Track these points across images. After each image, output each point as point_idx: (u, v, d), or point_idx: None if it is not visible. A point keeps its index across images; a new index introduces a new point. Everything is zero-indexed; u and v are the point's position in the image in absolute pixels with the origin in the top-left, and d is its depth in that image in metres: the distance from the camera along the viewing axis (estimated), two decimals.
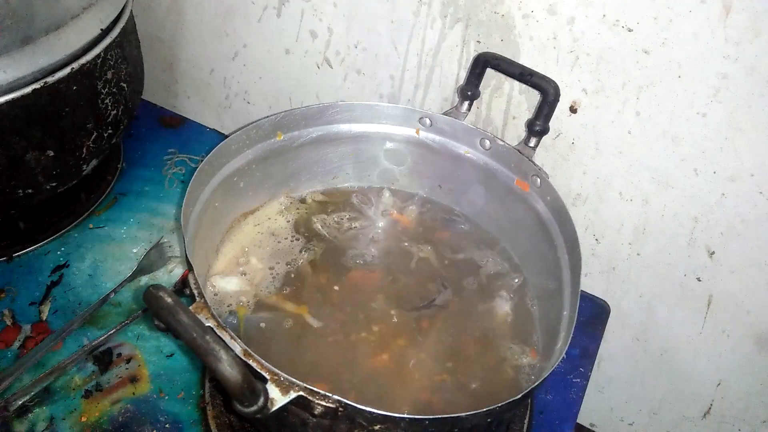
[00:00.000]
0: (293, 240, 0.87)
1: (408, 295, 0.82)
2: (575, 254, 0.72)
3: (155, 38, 1.24)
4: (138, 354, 0.85)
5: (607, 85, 0.86)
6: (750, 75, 0.76)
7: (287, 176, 0.91)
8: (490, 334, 0.79)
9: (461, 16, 0.90)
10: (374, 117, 0.90)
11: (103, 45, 0.85)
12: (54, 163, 0.84)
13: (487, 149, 0.87)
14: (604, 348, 1.04)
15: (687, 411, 1.13)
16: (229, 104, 1.26)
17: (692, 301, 0.99)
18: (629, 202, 0.95)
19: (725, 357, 1.02)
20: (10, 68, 0.74)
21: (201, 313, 0.58)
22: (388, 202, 0.95)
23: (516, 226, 0.87)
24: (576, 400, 0.86)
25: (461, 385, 0.73)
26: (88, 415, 0.78)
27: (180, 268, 0.96)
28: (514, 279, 0.85)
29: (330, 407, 0.54)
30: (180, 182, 1.10)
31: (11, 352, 0.83)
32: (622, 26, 0.80)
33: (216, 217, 0.81)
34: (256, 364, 0.55)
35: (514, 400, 0.58)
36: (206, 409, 0.79)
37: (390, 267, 0.86)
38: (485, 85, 0.93)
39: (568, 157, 0.95)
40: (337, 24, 1.01)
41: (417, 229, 0.92)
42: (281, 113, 0.84)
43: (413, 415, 0.55)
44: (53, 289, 0.91)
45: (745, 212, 0.87)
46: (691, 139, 0.84)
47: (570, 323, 0.66)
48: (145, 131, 1.19)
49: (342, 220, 0.91)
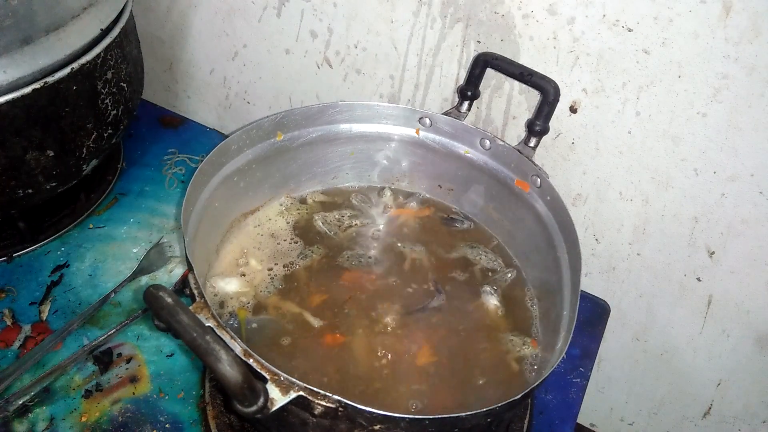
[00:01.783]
0: (292, 242, 0.87)
1: (405, 297, 0.82)
2: (575, 254, 0.72)
3: (155, 38, 1.24)
4: (138, 354, 0.85)
5: (607, 85, 0.86)
6: (750, 75, 0.76)
7: (287, 176, 0.91)
8: (489, 333, 0.79)
9: (461, 16, 0.90)
10: (374, 117, 0.90)
11: (103, 45, 0.85)
12: (54, 163, 0.84)
13: (487, 149, 0.87)
14: (604, 348, 1.04)
15: (687, 411, 1.13)
16: (229, 104, 1.26)
17: (692, 301, 0.99)
18: (629, 202, 0.95)
19: (725, 357, 1.02)
20: (10, 68, 0.75)
21: (201, 313, 0.58)
22: (388, 202, 0.95)
23: (516, 226, 0.87)
24: (576, 400, 0.86)
25: (462, 383, 0.73)
26: (88, 415, 0.78)
27: (180, 268, 0.96)
28: (511, 277, 0.85)
29: (330, 407, 0.54)
30: (180, 182, 1.10)
31: (11, 352, 0.83)
32: (622, 26, 0.80)
33: (216, 217, 0.81)
34: (256, 364, 0.55)
35: (514, 400, 0.58)
36: (206, 409, 0.79)
37: (388, 268, 0.85)
38: (485, 85, 0.93)
39: (568, 157, 0.95)
40: (337, 24, 1.02)
41: (416, 229, 0.92)
42: (281, 113, 0.84)
43: (413, 415, 0.55)
44: (53, 289, 0.91)
45: (745, 212, 0.87)
46: (691, 139, 0.84)
47: (570, 323, 0.66)
48: (145, 131, 1.19)
49: (342, 220, 0.91)
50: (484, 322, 0.80)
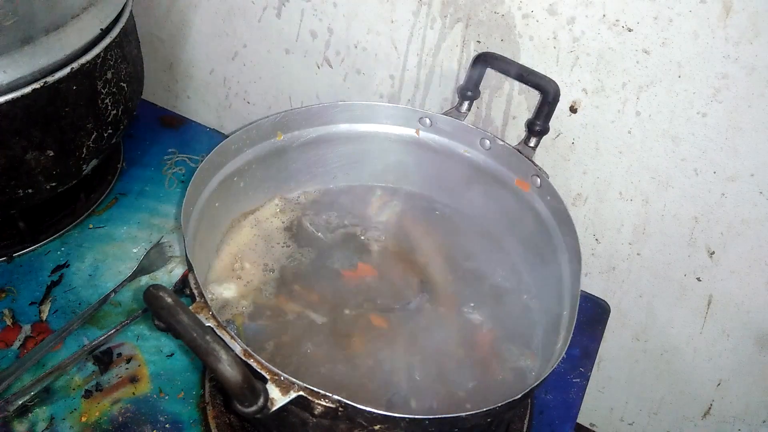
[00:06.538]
0: (285, 245, 0.86)
1: (393, 297, 0.81)
2: (575, 254, 0.72)
3: (155, 38, 1.24)
4: (138, 354, 0.85)
5: (607, 85, 0.86)
6: (750, 75, 0.76)
7: (287, 176, 0.91)
8: (487, 333, 0.79)
9: (461, 16, 0.90)
10: (374, 117, 0.90)
11: (103, 45, 0.85)
12: (54, 163, 0.84)
13: (487, 149, 0.87)
14: (604, 348, 1.04)
15: (687, 411, 1.13)
16: (229, 104, 1.26)
17: (692, 301, 0.99)
18: (629, 202, 0.95)
19: (725, 357, 1.02)
20: (10, 68, 0.75)
21: (201, 313, 0.58)
22: (386, 202, 0.95)
23: (516, 225, 0.87)
24: (576, 400, 0.86)
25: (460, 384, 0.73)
26: (88, 415, 0.78)
27: (180, 268, 0.96)
28: (512, 279, 0.85)
29: (330, 407, 0.54)
30: (180, 182, 1.10)
31: (11, 352, 0.83)
32: (622, 26, 0.80)
33: (216, 217, 0.81)
34: (256, 364, 0.55)
35: (514, 400, 0.58)
36: (206, 409, 0.79)
37: (382, 268, 0.85)
38: (485, 85, 0.93)
39: (568, 157, 0.95)
40: (337, 24, 1.01)
41: (415, 228, 0.92)
42: (281, 113, 0.84)
43: (413, 415, 0.55)
44: (53, 289, 0.91)
45: (745, 212, 0.87)
46: (691, 139, 0.84)
47: (570, 323, 0.66)
48: (145, 131, 1.19)
49: (339, 220, 0.91)
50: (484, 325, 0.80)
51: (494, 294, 0.83)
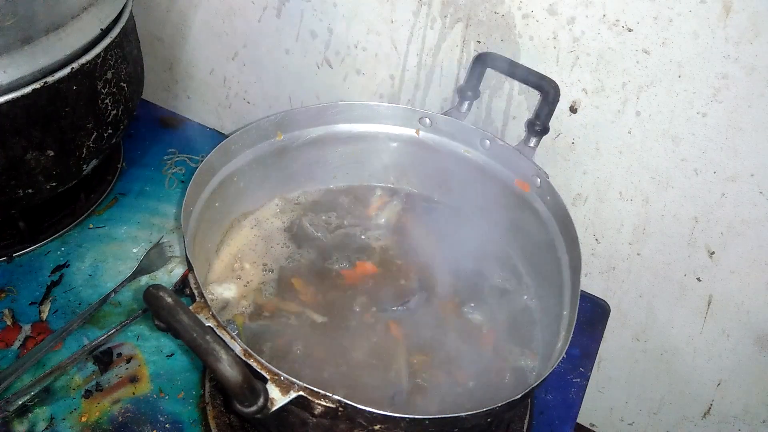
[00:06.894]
0: (285, 245, 0.86)
1: (393, 297, 0.81)
2: (575, 254, 0.72)
3: (155, 38, 1.24)
4: (138, 354, 0.85)
5: (607, 85, 0.86)
6: (750, 75, 0.76)
7: (287, 176, 0.91)
8: (487, 333, 0.79)
9: (461, 16, 0.90)
10: (374, 117, 0.90)
11: (103, 45, 0.85)
12: (54, 163, 0.84)
13: (487, 149, 0.87)
14: (604, 348, 1.04)
15: (687, 411, 1.13)
16: (229, 104, 1.26)
17: (692, 301, 0.99)
18: (629, 202, 0.95)
19: (725, 357, 1.02)
20: (10, 68, 0.75)
21: (201, 313, 0.58)
22: (386, 202, 0.95)
23: (516, 225, 0.87)
24: (576, 400, 0.86)
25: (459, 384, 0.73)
26: (88, 415, 0.78)
27: (180, 268, 0.96)
28: (512, 279, 0.85)
29: (330, 407, 0.54)
30: (180, 182, 1.10)
31: (11, 352, 0.83)
32: (622, 26, 0.80)
33: (216, 217, 0.81)
34: (256, 364, 0.55)
35: (514, 400, 0.58)
36: (206, 409, 0.79)
37: (382, 268, 0.85)
38: (485, 85, 0.93)
39: (568, 157, 0.95)
40: (337, 24, 1.01)
41: (415, 228, 0.92)
42: (281, 113, 0.84)
43: (413, 415, 0.55)
44: (53, 289, 0.91)
45: (745, 212, 0.87)
46: (691, 139, 0.84)
47: (570, 323, 0.66)
48: (145, 131, 1.19)
49: (338, 221, 0.91)
50: (484, 324, 0.80)
51: (494, 294, 0.83)
